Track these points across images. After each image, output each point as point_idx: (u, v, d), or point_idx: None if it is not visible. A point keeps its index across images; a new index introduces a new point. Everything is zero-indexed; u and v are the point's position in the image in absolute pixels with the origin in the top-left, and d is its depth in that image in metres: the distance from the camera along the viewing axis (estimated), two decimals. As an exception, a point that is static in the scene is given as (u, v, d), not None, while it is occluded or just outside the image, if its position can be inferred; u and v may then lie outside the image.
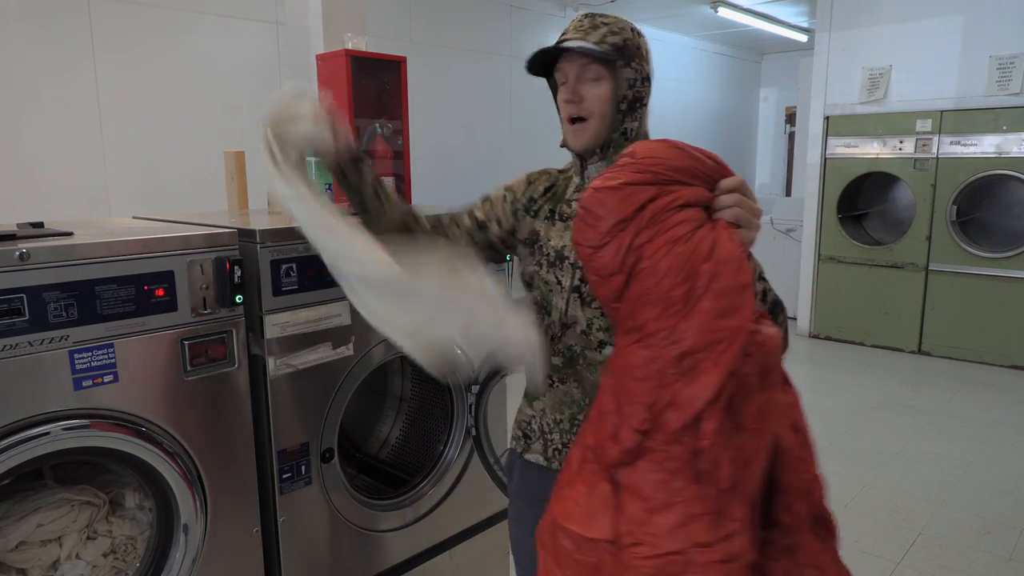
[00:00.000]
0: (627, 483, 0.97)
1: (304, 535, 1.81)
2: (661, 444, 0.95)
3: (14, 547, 1.49)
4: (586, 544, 0.99)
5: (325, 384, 1.80)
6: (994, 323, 5.06)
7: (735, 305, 0.94)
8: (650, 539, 0.94)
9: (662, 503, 0.94)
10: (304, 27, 3.01)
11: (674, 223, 0.96)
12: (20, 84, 3.62)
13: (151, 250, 1.47)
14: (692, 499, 0.94)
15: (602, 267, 0.99)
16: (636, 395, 0.96)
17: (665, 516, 0.94)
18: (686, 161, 1.01)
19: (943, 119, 5.12)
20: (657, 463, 0.95)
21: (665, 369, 0.94)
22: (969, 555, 2.71)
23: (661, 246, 0.95)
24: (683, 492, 0.94)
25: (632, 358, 0.98)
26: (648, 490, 0.95)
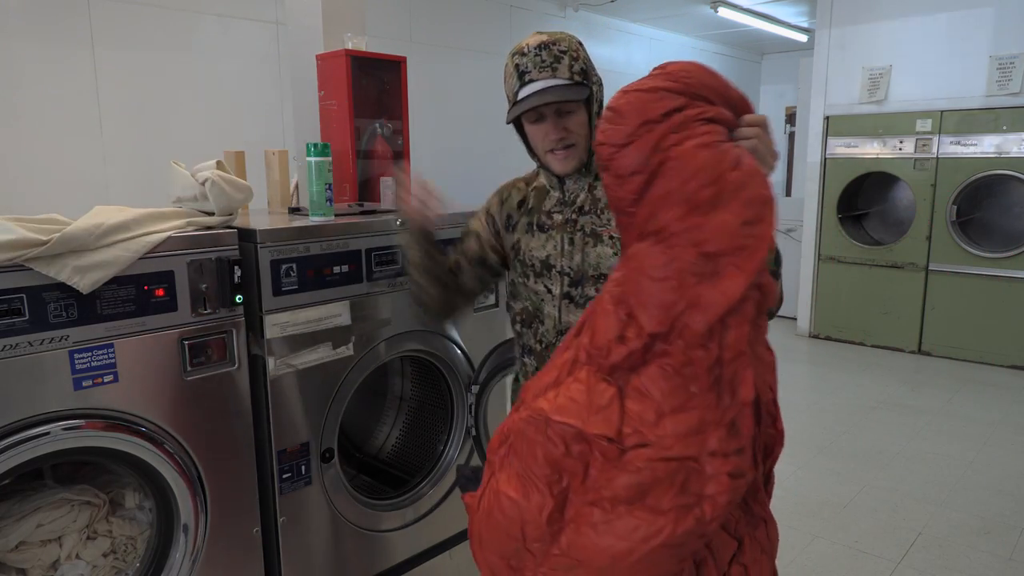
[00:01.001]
0: (635, 385, 0.94)
1: (304, 535, 1.81)
2: (680, 348, 0.92)
3: (14, 547, 1.49)
4: (577, 441, 0.95)
5: (325, 384, 1.80)
6: (994, 323, 5.06)
7: (761, 216, 0.93)
8: (659, 441, 0.90)
9: (676, 407, 0.91)
10: (304, 27, 3.01)
11: (702, 132, 0.96)
12: (20, 84, 3.62)
13: (151, 250, 1.46)
14: (709, 407, 0.91)
15: (623, 166, 0.98)
16: (652, 296, 0.93)
17: (678, 420, 0.91)
18: (716, 82, 1.01)
19: (943, 119, 5.12)
20: (673, 368, 0.92)
21: (686, 270, 0.92)
22: (969, 555, 2.71)
23: (692, 148, 0.94)
24: (699, 399, 0.91)
25: (649, 259, 0.95)
26: (660, 393, 0.92)
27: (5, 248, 1.27)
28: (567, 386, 0.99)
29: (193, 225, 1.57)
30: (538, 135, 1.36)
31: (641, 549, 0.89)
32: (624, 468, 0.92)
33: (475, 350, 2.13)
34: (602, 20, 7.16)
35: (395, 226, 1.91)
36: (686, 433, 0.91)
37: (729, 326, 0.91)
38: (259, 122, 4.53)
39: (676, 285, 0.92)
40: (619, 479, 0.92)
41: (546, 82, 1.29)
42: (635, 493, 0.91)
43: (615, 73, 7.31)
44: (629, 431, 0.93)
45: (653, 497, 0.90)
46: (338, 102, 2.74)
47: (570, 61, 1.31)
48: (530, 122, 1.35)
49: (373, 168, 2.82)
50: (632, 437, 0.92)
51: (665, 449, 0.90)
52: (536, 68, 1.30)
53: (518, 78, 1.32)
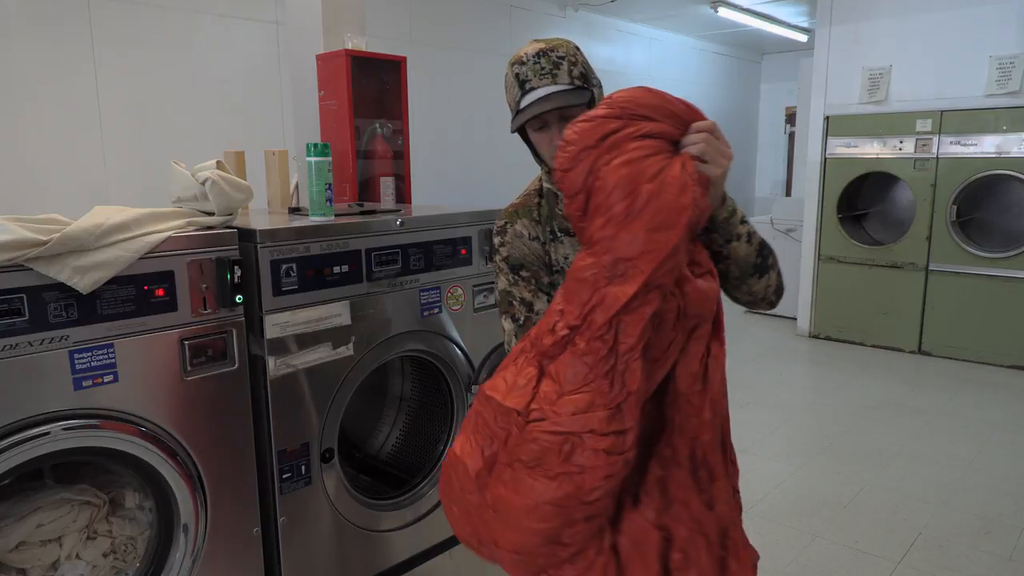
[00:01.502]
0: (551, 370, 1.12)
1: (304, 535, 1.81)
2: (585, 340, 1.08)
3: (14, 547, 1.49)
4: (502, 413, 1.13)
5: (325, 384, 1.80)
6: (994, 323, 5.06)
7: (669, 223, 1.06)
8: (554, 416, 1.08)
9: (573, 389, 1.09)
10: (304, 27, 3.01)
11: (631, 148, 1.09)
12: (20, 84, 3.62)
13: (151, 250, 1.46)
14: (599, 392, 1.07)
15: (569, 187, 1.12)
16: (576, 294, 1.11)
17: (572, 400, 1.08)
18: (656, 100, 1.14)
19: (943, 119, 5.12)
20: (578, 355, 1.09)
21: (601, 273, 1.08)
22: (969, 555, 2.71)
23: (614, 167, 1.08)
24: (593, 384, 1.08)
25: (578, 264, 1.12)
26: (565, 377, 1.09)
27: (5, 248, 1.28)
28: (507, 368, 1.18)
29: (193, 225, 1.57)
30: (544, 141, 1.36)
31: (535, 506, 1.09)
32: (526, 438, 1.10)
33: (475, 350, 2.13)
34: (602, 20, 7.16)
35: (395, 226, 1.92)
36: (575, 412, 1.07)
37: (625, 322, 1.07)
38: (259, 122, 4.53)
39: (592, 286, 1.09)
40: (523, 447, 1.10)
41: (547, 88, 1.30)
42: (534, 459, 1.09)
43: (615, 73, 7.31)
44: (536, 407, 1.10)
45: (546, 464, 1.08)
46: (338, 102, 2.74)
47: (569, 66, 1.33)
48: (535, 129, 1.36)
49: (373, 168, 2.82)
50: (536, 413, 1.10)
51: (556, 424, 1.08)
52: (536, 76, 1.31)
53: (519, 87, 1.33)
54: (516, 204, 1.49)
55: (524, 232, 1.43)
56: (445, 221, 2.04)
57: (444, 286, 2.05)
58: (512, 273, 1.43)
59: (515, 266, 1.42)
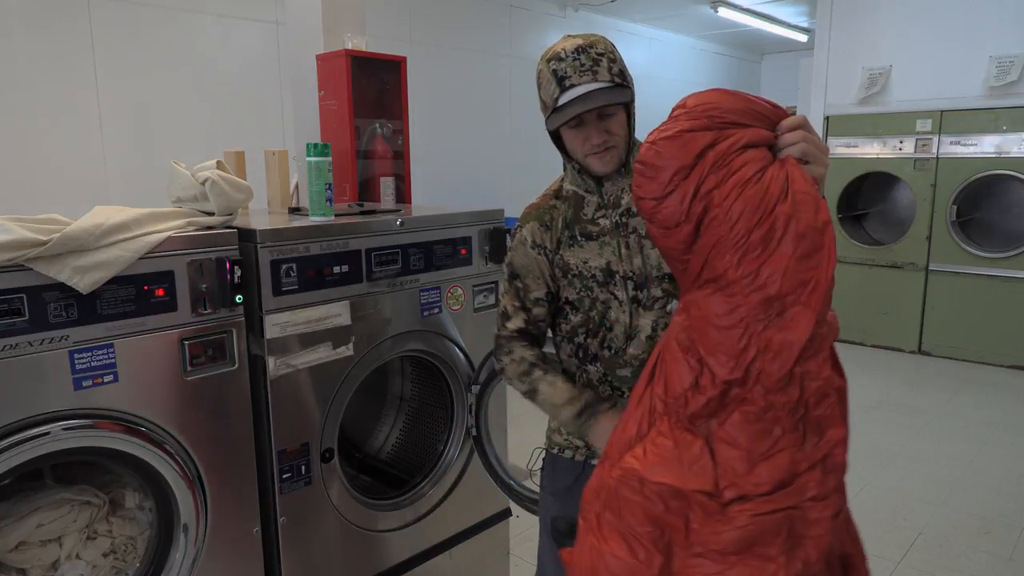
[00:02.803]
0: (720, 435, 0.93)
1: (304, 535, 1.81)
2: (759, 394, 0.91)
3: (14, 547, 1.49)
4: (678, 498, 0.94)
5: (325, 384, 1.80)
6: (994, 323, 5.06)
7: (817, 245, 0.90)
8: (756, 490, 0.90)
9: (764, 452, 0.90)
10: (304, 27, 3.01)
11: (740, 165, 0.93)
12: (20, 84, 3.62)
13: (151, 250, 1.46)
14: (796, 446, 0.90)
15: (667, 218, 0.96)
16: (720, 344, 0.92)
17: (770, 466, 0.90)
18: (740, 103, 0.98)
19: (943, 119, 5.12)
20: (755, 414, 0.91)
21: (751, 316, 0.91)
22: (969, 555, 2.70)
23: (731, 190, 0.92)
24: (784, 440, 0.91)
25: (713, 307, 0.94)
26: (746, 440, 0.91)
27: (5, 248, 1.28)
28: (652, 441, 0.98)
29: (193, 225, 1.57)
30: (578, 140, 1.33)
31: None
32: (729, 523, 0.92)
33: (475, 350, 2.13)
34: (602, 20, 7.15)
35: (395, 226, 1.92)
36: (781, 478, 0.90)
37: (808, 367, 0.91)
38: (259, 122, 4.53)
39: (743, 332, 0.91)
40: (725, 534, 0.92)
41: (588, 86, 1.26)
42: (744, 545, 0.91)
43: (615, 73, 7.30)
44: (725, 483, 0.92)
45: (761, 546, 0.91)
46: (338, 102, 2.74)
47: (608, 63, 1.29)
48: (570, 127, 1.32)
49: (373, 168, 2.82)
50: (729, 489, 0.92)
51: (767, 502, 0.90)
52: (576, 72, 1.26)
53: (557, 83, 1.28)
54: (534, 204, 1.46)
55: (529, 238, 1.42)
56: (445, 221, 2.04)
57: (444, 286, 2.05)
58: (508, 280, 1.44)
59: (512, 274, 1.43)
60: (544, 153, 2.46)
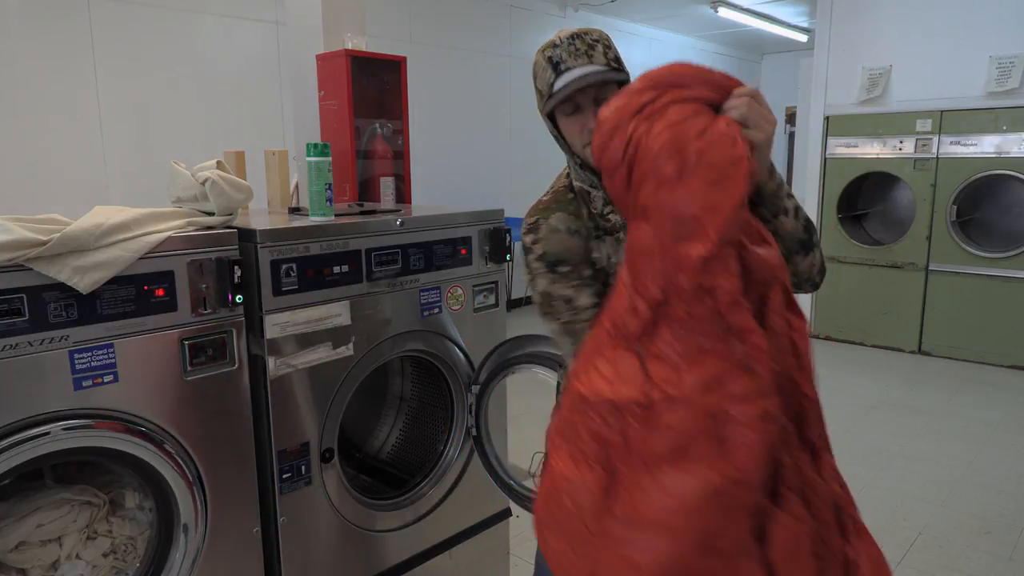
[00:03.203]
0: (653, 351, 0.99)
1: (304, 535, 1.81)
2: (681, 308, 0.98)
3: (14, 547, 1.49)
4: (613, 412, 1.00)
5: (325, 384, 1.80)
6: (994, 323, 5.06)
7: (728, 175, 0.98)
8: (684, 396, 0.95)
9: (691, 361, 0.96)
10: (304, 27, 3.01)
11: (670, 113, 1.02)
12: (20, 84, 3.62)
13: (151, 250, 1.46)
14: (722, 355, 0.96)
15: (609, 163, 1.05)
16: (644, 269, 1.01)
17: (697, 372, 0.96)
18: (692, 70, 1.07)
19: (943, 119, 5.12)
20: (679, 325, 0.98)
21: (664, 238, 0.99)
22: (969, 555, 2.71)
23: (658, 132, 1.01)
24: (712, 350, 0.96)
25: (636, 236, 1.03)
26: (675, 352, 0.97)
27: (5, 248, 1.28)
28: (595, 365, 1.05)
29: (193, 225, 1.57)
30: (575, 127, 1.31)
31: (687, 502, 0.94)
32: (660, 431, 0.97)
33: (475, 350, 2.13)
34: (602, 20, 7.16)
35: (395, 226, 1.92)
36: (707, 382, 0.95)
37: (716, 281, 0.97)
38: (259, 122, 4.53)
39: (660, 253, 0.99)
40: (657, 442, 0.97)
41: (583, 68, 1.26)
42: (675, 452, 0.95)
43: (615, 73, 7.30)
44: (656, 393, 0.98)
45: (692, 450, 0.95)
46: (338, 102, 2.74)
47: (604, 48, 1.29)
48: (566, 114, 1.31)
49: (373, 168, 2.82)
50: (660, 398, 0.98)
51: (692, 404, 0.95)
52: (571, 56, 1.27)
53: (552, 69, 1.28)
54: (547, 200, 1.42)
55: (561, 226, 1.35)
56: (445, 221, 2.04)
57: (444, 286, 2.05)
58: (550, 271, 1.34)
59: (552, 262, 1.33)
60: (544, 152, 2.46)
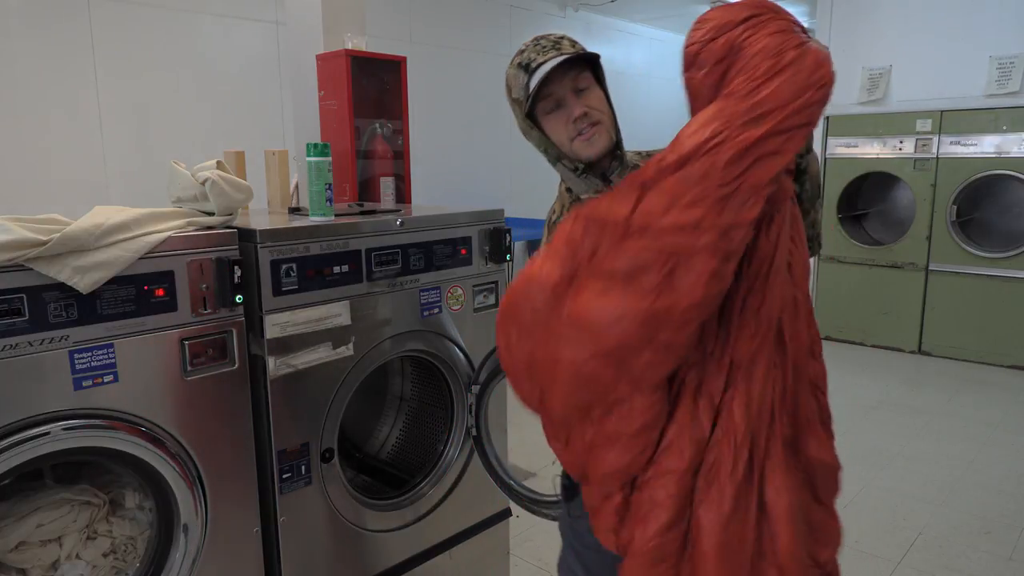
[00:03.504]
0: (663, 185, 1.08)
1: (304, 535, 1.81)
2: (703, 163, 1.06)
3: (14, 547, 1.49)
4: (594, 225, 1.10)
5: (325, 384, 1.80)
6: (994, 323, 5.06)
7: (810, 83, 1.07)
8: (659, 229, 1.05)
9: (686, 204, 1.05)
10: (304, 27, 3.01)
11: (773, 25, 1.12)
12: (20, 84, 3.62)
13: (151, 250, 1.46)
14: (712, 211, 1.04)
15: (710, 56, 1.13)
16: (700, 127, 1.08)
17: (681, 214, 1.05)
18: (782, 10, 1.18)
19: (943, 119, 5.12)
20: (695, 173, 1.05)
21: (736, 114, 1.06)
22: (969, 555, 2.71)
23: (760, 35, 1.11)
24: (706, 203, 1.05)
25: (710, 108, 1.10)
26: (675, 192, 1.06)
27: (5, 248, 1.28)
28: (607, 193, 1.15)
29: (193, 225, 1.57)
30: (559, 123, 1.32)
31: (620, 316, 1.06)
32: (624, 250, 1.07)
33: (475, 350, 2.13)
34: (602, 20, 7.16)
35: (395, 226, 1.92)
36: (684, 226, 1.04)
37: (759, 164, 1.05)
38: (259, 122, 4.53)
39: (724, 122, 1.06)
40: (619, 259, 1.07)
41: (556, 59, 1.27)
42: (629, 272, 1.06)
43: (615, 73, 7.31)
44: (638, 218, 1.07)
45: (642, 279, 1.05)
46: (338, 102, 2.74)
47: (570, 43, 1.32)
48: (547, 112, 1.32)
49: (373, 168, 2.82)
50: (638, 222, 1.07)
51: (660, 237, 1.05)
52: (540, 54, 1.29)
53: (524, 71, 1.30)
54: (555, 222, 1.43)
55: None
56: (445, 221, 2.04)
57: (444, 286, 2.05)
58: None
59: None
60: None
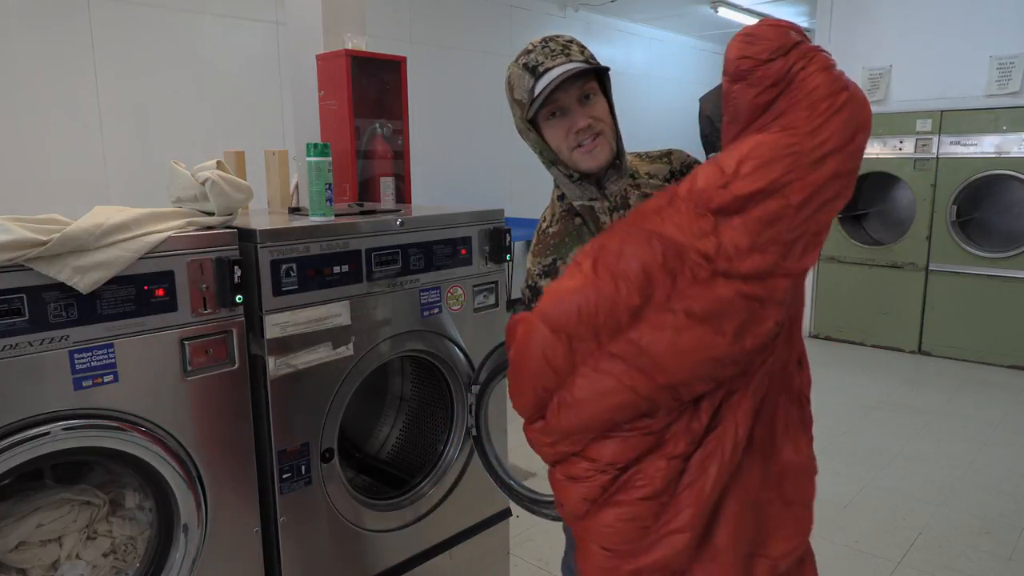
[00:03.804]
0: (731, 223, 1.10)
1: (304, 535, 1.81)
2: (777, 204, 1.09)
3: (14, 547, 1.49)
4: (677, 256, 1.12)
5: (325, 384, 1.80)
6: (994, 323, 5.06)
7: (863, 125, 1.13)
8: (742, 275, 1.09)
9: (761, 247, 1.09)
10: (304, 27, 3.01)
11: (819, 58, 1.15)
12: (20, 84, 3.62)
13: (151, 250, 1.46)
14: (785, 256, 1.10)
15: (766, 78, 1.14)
16: (766, 162, 1.10)
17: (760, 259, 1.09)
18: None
19: (943, 119, 5.12)
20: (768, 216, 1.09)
21: (802, 153, 1.09)
22: (969, 555, 2.71)
23: (812, 71, 1.13)
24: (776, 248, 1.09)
25: (778, 140, 1.12)
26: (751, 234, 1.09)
27: (5, 248, 1.28)
28: (670, 213, 1.15)
29: (193, 225, 1.57)
30: (560, 131, 1.29)
31: (694, 355, 1.10)
32: (708, 292, 1.09)
33: (475, 350, 2.13)
34: (602, 20, 7.16)
35: (395, 226, 1.92)
36: (762, 273, 1.08)
37: (821, 209, 1.09)
38: (259, 122, 4.53)
39: (793, 161, 1.09)
40: (700, 299, 1.09)
41: (564, 67, 1.24)
42: (709, 315, 1.09)
43: (615, 73, 7.30)
44: (722, 258, 1.09)
45: (719, 321, 1.09)
46: (338, 102, 2.74)
47: (579, 48, 1.28)
48: (549, 119, 1.28)
49: (373, 168, 2.82)
50: (723, 263, 1.09)
51: (746, 286, 1.08)
52: (548, 58, 1.25)
53: (531, 74, 1.25)
54: (555, 234, 1.40)
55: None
56: (445, 221, 2.04)
57: (444, 286, 2.05)
58: None
59: None
60: (544, 153, 2.45)
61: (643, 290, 1.12)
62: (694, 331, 1.09)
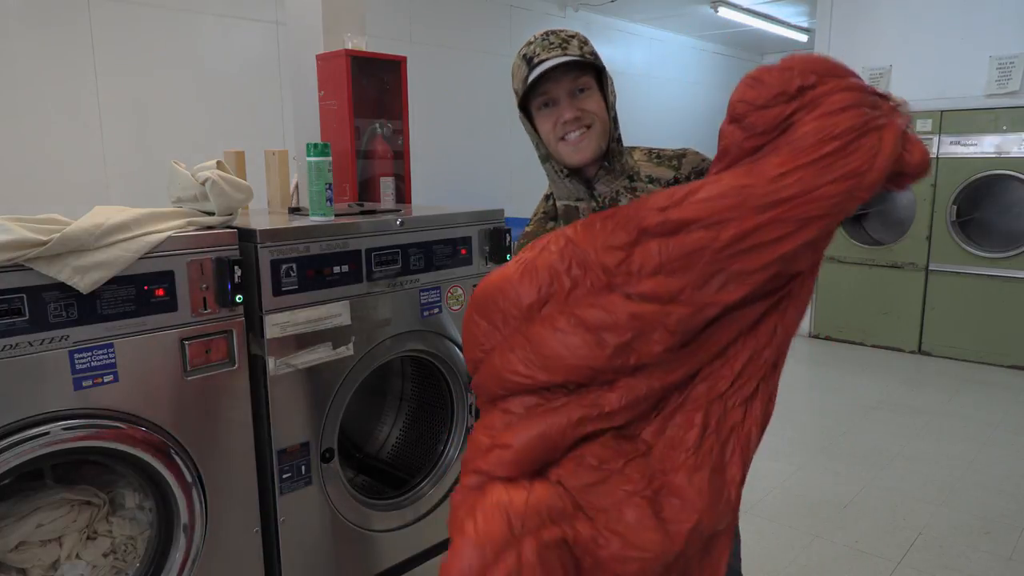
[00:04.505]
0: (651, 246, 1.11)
1: (304, 535, 1.81)
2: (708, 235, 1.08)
3: (14, 547, 1.49)
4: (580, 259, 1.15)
5: (325, 384, 1.80)
6: (994, 323, 5.06)
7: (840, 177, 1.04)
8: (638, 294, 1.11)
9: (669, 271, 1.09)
10: (304, 27, 3.01)
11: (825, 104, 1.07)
12: (20, 84, 3.62)
13: (151, 250, 1.46)
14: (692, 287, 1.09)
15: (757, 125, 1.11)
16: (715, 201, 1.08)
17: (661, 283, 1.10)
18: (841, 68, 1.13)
19: (943, 119, 5.12)
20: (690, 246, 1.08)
21: (753, 198, 1.06)
22: (969, 555, 2.71)
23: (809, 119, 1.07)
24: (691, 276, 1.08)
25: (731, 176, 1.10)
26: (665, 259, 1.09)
27: (5, 248, 1.28)
28: (598, 225, 1.17)
29: (193, 225, 1.57)
30: (549, 121, 1.28)
31: (573, 358, 1.13)
32: (602, 303, 1.11)
33: (475, 350, 2.13)
34: (602, 20, 7.16)
35: (395, 226, 1.92)
36: (661, 296, 1.08)
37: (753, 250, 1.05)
38: (259, 122, 4.53)
39: (736, 203, 1.06)
40: (591, 311, 1.12)
41: (558, 59, 1.23)
42: (597, 325, 1.11)
43: (615, 73, 7.29)
44: (622, 273, 1.11)
45: (605, 332, 1.11)
46: (338, 102, 2.74)
47: (579, 43, 1.26)
48: (540, 109, 1.28)
49: (373, 168, 2.82)
50: (620, 279, 1.11)
51: (636, 306, 1.09)
52: (545, 50, 1.24)
53: (526, 64, 1.25)
54: (525, 234, 1.41)
55: None
56: (445, 221, 2.04)
57: (444, 286, 2.05)
58: None
59: None
60: (544, 153, 2.45)
61: (541, 289, 1.16)
62: (579, 337, 1.12)
